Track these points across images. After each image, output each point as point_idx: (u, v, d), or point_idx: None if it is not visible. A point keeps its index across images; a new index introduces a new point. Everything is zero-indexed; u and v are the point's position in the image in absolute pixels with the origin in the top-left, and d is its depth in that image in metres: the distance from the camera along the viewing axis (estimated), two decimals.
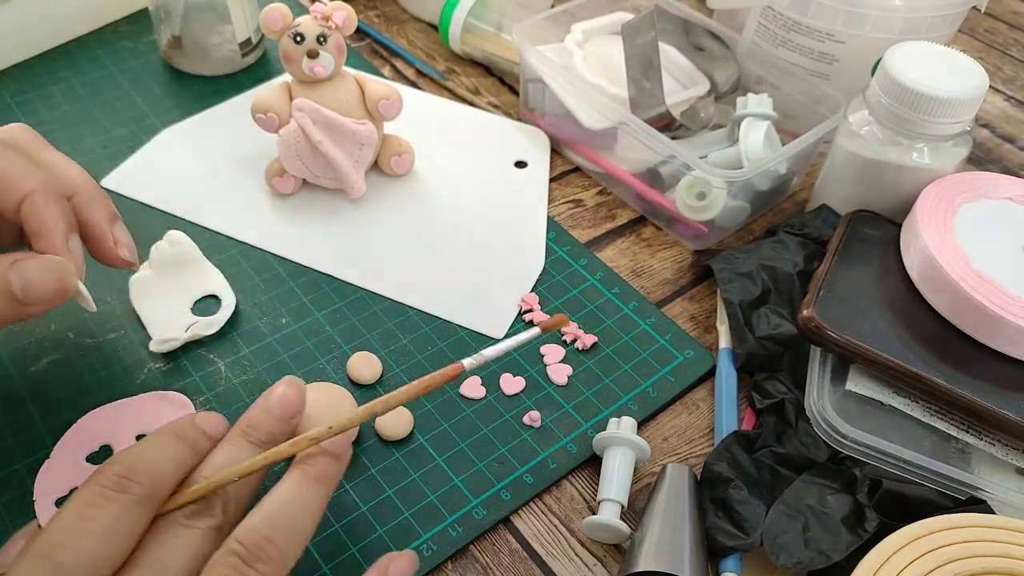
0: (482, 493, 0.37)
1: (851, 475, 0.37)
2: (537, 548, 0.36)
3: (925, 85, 0.42)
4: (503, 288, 0.46)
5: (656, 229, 0.51)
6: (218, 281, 0.44)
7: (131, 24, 0.61)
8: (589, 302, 0.46)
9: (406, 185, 0.52)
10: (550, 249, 0.49)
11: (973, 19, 0.75)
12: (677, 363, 0.43)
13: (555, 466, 0.39)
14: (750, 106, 0.51)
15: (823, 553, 0.34)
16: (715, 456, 0.38)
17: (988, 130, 0.63)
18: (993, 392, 0.38)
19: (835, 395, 0.39)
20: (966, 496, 0.36)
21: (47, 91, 0.55)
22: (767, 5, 0.53)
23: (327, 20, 0.47)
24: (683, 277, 0.49)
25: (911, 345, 0.39)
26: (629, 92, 0.50)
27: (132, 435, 0.37)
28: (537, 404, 0.41)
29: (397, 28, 0.66)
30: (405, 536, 0.36)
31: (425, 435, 0.39)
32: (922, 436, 0.38)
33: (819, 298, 0.41)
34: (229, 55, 0.57)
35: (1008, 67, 0.70)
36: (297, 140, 0.47)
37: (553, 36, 0.57)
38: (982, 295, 0.39)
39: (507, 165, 0.54)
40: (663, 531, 0.34)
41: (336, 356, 0.42)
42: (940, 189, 0.44)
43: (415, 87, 0.60)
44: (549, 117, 0.56)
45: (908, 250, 0.43)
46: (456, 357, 0.43)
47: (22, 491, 0.36)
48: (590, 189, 0.54)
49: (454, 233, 0.49)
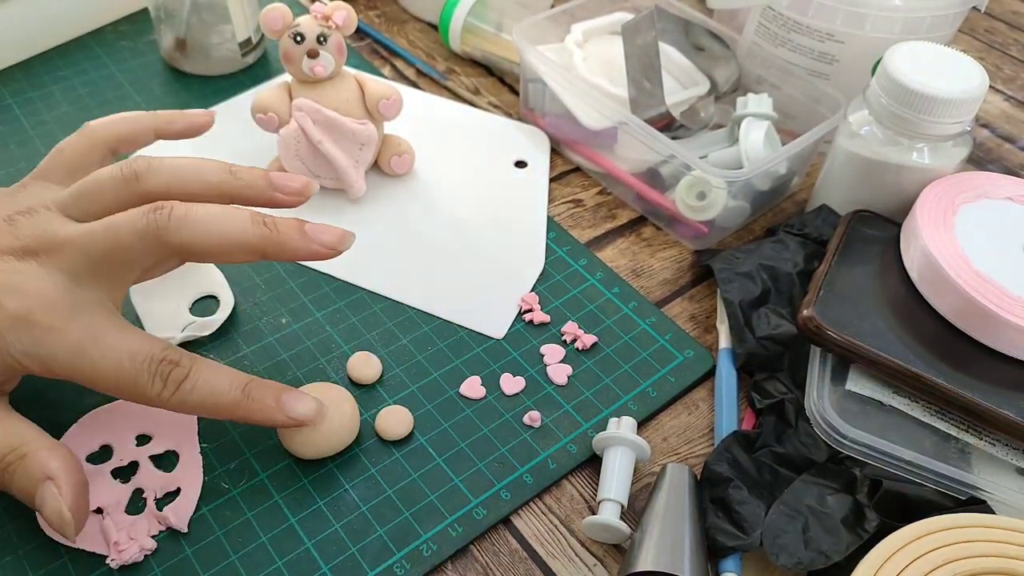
0: (482, 493, 0.37)
1: (851, 475, 0.37)
2: (537, 548, 0.36)
3: (925, 85, 0.42)
4: (503, 288, 0.46)
5: (656, 229, 0.51)
6: (217, 281, 0.44)
7: (131, 24, 0.61)
8: (589, 302, 0.46)
9: (406, 185, 0.52)
10: (550, 249, 0.49)
11: (973, 19, 0.75)
12: (677, 363, 0.43)
13: (555, 466, 0.39)
14: (750, 106, 0.51)
15: (823, 553, 0.34)
16: (715, 456, 0.38)
17: (988, 130, 0.63)
18: (993, 392, 0.38)
19: (835, 395, 0.39)
20: (966, 496, 0.36)
21: (47, 91, 0.55)
22: (767, 5, 0.53)
23: (327, 20, 0.47)
24: (683, 277, 0.49)
25: (911, 345, 0.39)
26: (629, 92, 0.50)
27: (132, 435, 0.37)
28: (537, 404, 0.41)
29: (397, 28, 0.66)
30: (405, 536, 0.36)
31: (425, 435, 0.39)
32: (922, 436, 0.38)
33: (819, 298, 0.41)
34: (229, 55, 0.57)
35: (1008, 67, 0.70)
36: (297, 140, 0.47)
37: (553, 36, 0.57)
38: (982, 295, 0.39)
39: (507, 165, 0.54)
40: (663, 531, 0.34)
41: (336, 356, 0.42)
42: (940, 189, 0.44)
43: (415, 87, 0.60)
44: (549, 117, 0.56)
45: (908, 250, 0.43)
46: (456, 356, 0.43)
47: None
48: (590, 189, 0.54)
49: (454, 233, 0.49)
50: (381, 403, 0.40)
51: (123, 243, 0.33)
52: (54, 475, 0.31)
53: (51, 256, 0.33)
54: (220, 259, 0.35)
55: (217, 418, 0.35)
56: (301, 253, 0.35)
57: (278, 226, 0.34)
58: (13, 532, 0.34)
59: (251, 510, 0.36)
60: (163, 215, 0.33)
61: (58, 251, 0.33)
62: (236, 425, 0.39)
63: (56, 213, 0.34)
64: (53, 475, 0.31)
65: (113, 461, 0.36)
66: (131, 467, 0.37)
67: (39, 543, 0.34)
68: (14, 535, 0.34)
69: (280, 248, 0.34)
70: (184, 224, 0.33)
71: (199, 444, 0.38)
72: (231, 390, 0.34)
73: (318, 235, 0.35)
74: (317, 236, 0.35)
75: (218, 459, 0.37)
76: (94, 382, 0.33)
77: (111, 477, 0.36)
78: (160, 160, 0.35)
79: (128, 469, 0.37)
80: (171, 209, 0.33)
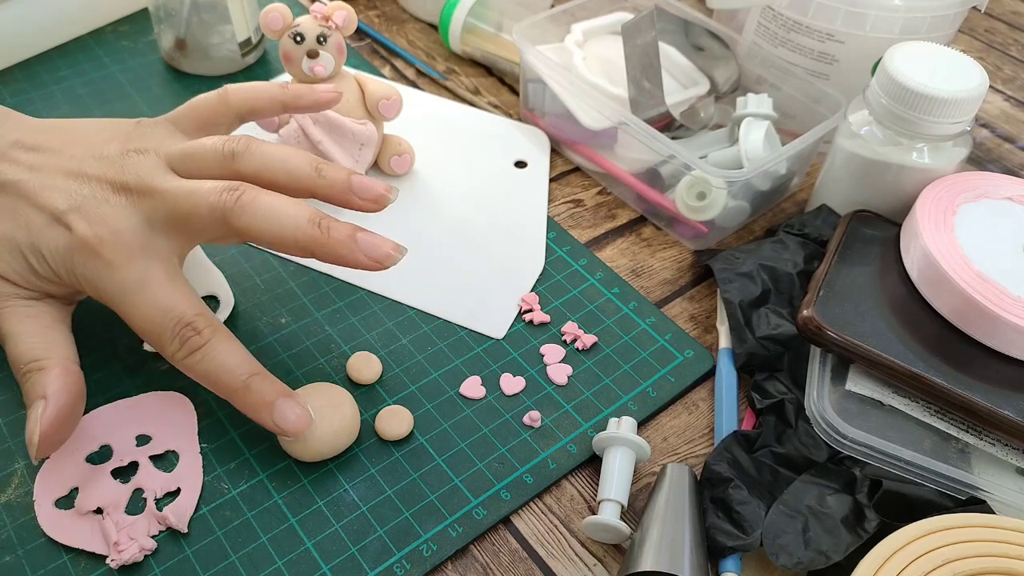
0: (482, 493, 0.37)
1: (851, 475, 0.37)
2: (537, 548, 0.36)
3: (925, 85, 0.42)
4: (503, 288, 0.46)
5: (656, 229, 0.51)
6: (217, 281, 0.44)
7: (131, 24, 0.61)
8: (589, 302, 0.46)
9: (406, 185, 0.52)
10: (550, 249, 0.49)
11: (973, 19, 0.75)
12: (677, 363, 0.43)
13: (555, 466, 0.39)
14: (750, 106, 0.51)
15: (823, 553, 0.34)
16: (715, 456, 0.38)
17: (988, 130, 0.63)
18: (993, 392, 0.38)
19: (835, 395, 0.39)
20: (966, 496, 0.36)
21: (47, 91, 0.55)
22: (767, 5, 0.53)
23: (327, 20, 0.47)
24: (683, 277, 0.49)
25: (911, 345, 0.39)
26: (629, 92, 0.50)
27: (132, 435, 0.37)
28: (537, 404, 0.41)
29: (397, 28, 0.66)
30: (405, 536, 0.36)
31: (425, 435, 0.39)
32: (922, 436, 0.38)
33: (819, 298, 0.41)
34: (229, 55, 0.57)
35: (1008, 67, 0.70)
36: (297, 140, 0.47)
37: (553, 36, 0.57)
38: (982, 295, 0.39)
39: (507, 165, 0.54)
40: (663, 531, 0.34)
41: (336, 356, 0.42)
42: (940, 189, 0.44)
43: (415, 87, 0.60)
44: (549, 117, 0.56)
45: (908, 250, 0.43)
46: (456, 356, 0.43)
47: (22, 491, 0.36)
48: (590, 189, 0.54)
49: (454, 233, 0.49)
50: (381, 403, 0.40)
51: (197, 211, 0.35)
52: (48, 396, 0.34)
53: (141, 199, 0.36)
54: (274, 248, 0.36)
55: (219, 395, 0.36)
56: (347, 261, 0.36)
57: (331, 231, 0.35)
58: (13, 532, 0.34)
59: (251, 510, 0.36)
60: (232, 197, 0.35)
61: (149, 197, 0.36)
62: (236, 425, 0.39)
63: (163, 163, 0.37)
64: (47, 395, 0.34)
65: (113, 461, 0.36)
66: (131, 467, 0.37)
67: (39, 543, 0.34)
68: (14, 535, 0.34)
69: (327, 253, 0.35)
70: (246, 211, 0.35)
71: (199, 444, 0.38)
72: (235, 375, 0.35)
73: (367, 248, 0.36)
74: (366, 248, 0.36)
75: (218, 459, 0.37)
76: (130, 322, 0.36)
77: (111, 477, 0.36)
78: (258, 145, 0.37)
79: (128, 469, 0.37)
80: (241, 193, 0.35)
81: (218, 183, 0.36)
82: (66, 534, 0.34)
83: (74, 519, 0.35)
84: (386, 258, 0.36)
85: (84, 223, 0.35)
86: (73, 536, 0.34)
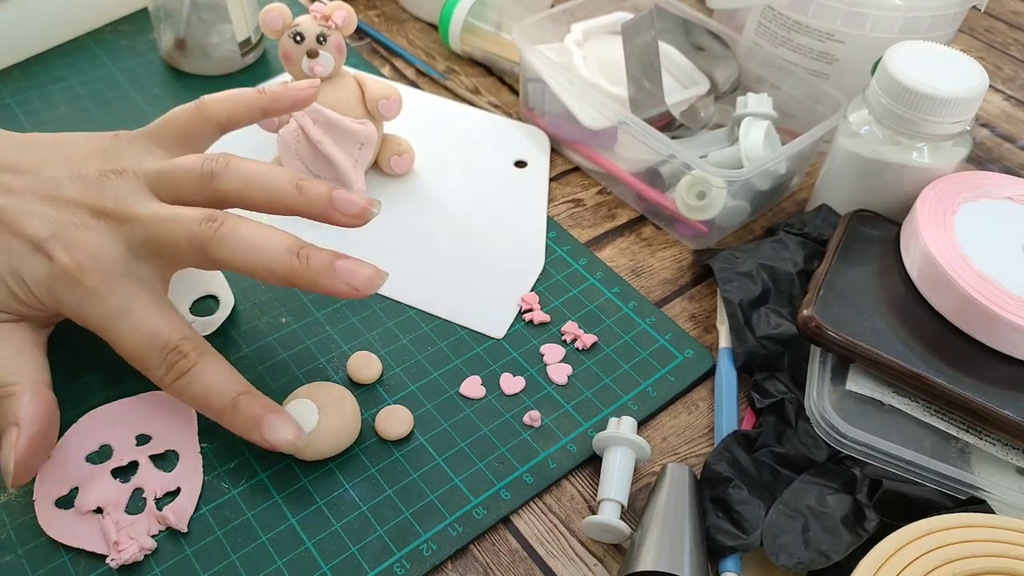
0: (482, 493, 0.37)
1: (851, 475, 0.37)
2: (537, 548, 0.36)
3: (925, 85, 0.42)
4: (503, 287, 0.46)
5: (656, 229, 0.51)
6: (217, 281, 0.44)
7: (131, 24, 0.61)
8: (589, 302, 0.46)
9: (406, 185, 0.52)
10: (550, 248, 0.49)
11: (973, 19, 0.75)
12: (677, 363, 0.43)
13: (555, 466, 0.39)
14: (750, 106, 0.51)
15: (823, 553, 0.34)
16: (715, 456, 0.38)
17: (988, 130, 0.63)
18: (993, 392, 0.38)
19: (835, 395, 0.39)
20: (966, 496, 0.36)
21: (47, 91, 0.55)
22: (767, 5, 0.53)
23: (327, 20, 0.46)
24: (683, 277, 0.49)
25: (911, 345, 0.39)
26: (629, 92, 0.50)
27: (132, 435, 0.37)
28: (537, 404, 0.41)
29: (397, 28, 0.66)
30: (405, 536, 0.36)
31: (425, 435, 0.39)
32: (922, 436, 0.38)
33: (819, 298, 0.41)
34: (229, 55, 0.57)
35: (1008, 67, 0.70)
36: (297, 140, 0.47)
37: (553, 36, 0.57)
38: (982, 295, 0.39)
39: (507, 165, 0.54)
40: (663, 531, 0.34)
41: (336, 356, 0.42)
42: (940, 189, 0.44)
43: (415, 87, 0.60)
44: (549, 117, 0.56)
45: (908, 250, 0.43)
46: (456, 356, 0.43)
47: (22, 491, 0.36)
48: (590, 189, 0.54)
49: (454, 233, 0.49)
50: (381, 403, 0.40)
51: (176, 241, 0.35)
52: (20, 422, 0.33)
53: (121, 224, 0.35)
54: (254, 278, 0.36)
55: (209, 417, 0.36)
56: (327, 290, 0.35)
57: (310, 260, 0.35)
58: (13, 532, 0.34)
59: (251, 510, 0.36)
60: (211, 228, 0.35)
61: (128, 223, 0.35)
62: None
63: (142, 185, 0.37)
64: (19, 422, 0.33)
65: (113, 461, 0.36)
66: (131, 467, 0.37)
67: (39, 543, 0.34)
68: (14, 535, 0.34)
69: (306, 283, 0.35)
70: (225, 243, 0.35)
71: (199, 444, 0.38)
72: (223, 396, 0.35)
73: (346, 276, 0.35)
74: (345, 276, 0.35)
75: (218, 459, 0.37)
76: (116, 348, 0.35)
77: (111, 477, 0.36)
78: (237, 164, 0.37)
79: (128, 469, 0.37)
80: (220, 224, 0.35)
81: (197, 212, 0.35)
82: (66, 534, 0.34)
83: (74, 519, 0.35)
84: (367, 285, 0.35)
85: (64, 251, 0.34)
86: (73, 536, 0.34)
